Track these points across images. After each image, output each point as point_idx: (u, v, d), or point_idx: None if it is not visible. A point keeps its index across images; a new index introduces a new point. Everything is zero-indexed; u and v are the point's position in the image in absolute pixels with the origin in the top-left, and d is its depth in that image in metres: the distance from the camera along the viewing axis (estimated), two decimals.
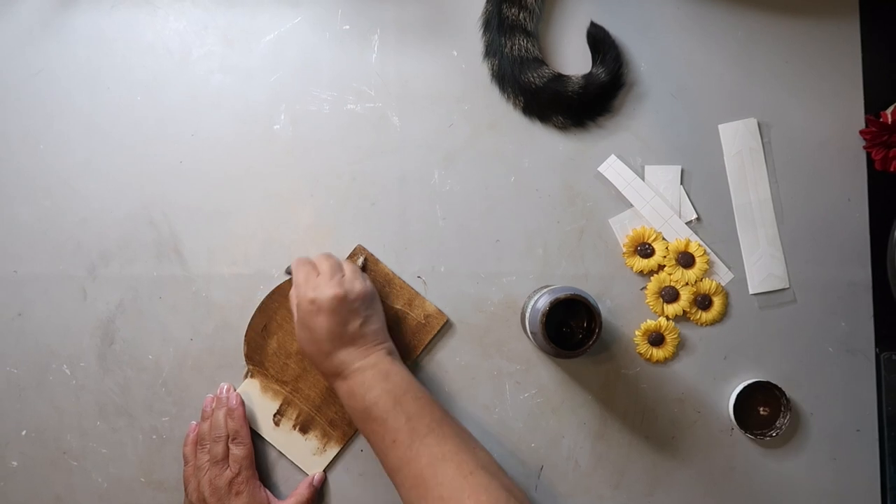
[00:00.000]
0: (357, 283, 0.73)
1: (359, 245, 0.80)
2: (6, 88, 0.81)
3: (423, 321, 0.80)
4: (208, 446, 0.77)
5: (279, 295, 0.80)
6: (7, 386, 0.80)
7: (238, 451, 0.76)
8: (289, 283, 0.80)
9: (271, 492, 0.78)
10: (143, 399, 0.80)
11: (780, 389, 0.78)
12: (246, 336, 0.80)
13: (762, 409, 0.79)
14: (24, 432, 0.80)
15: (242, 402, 0.78)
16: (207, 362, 0.80)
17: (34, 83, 0.81)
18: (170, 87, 0.81)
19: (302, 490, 0.78)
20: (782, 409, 0.78)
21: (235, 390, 0.79)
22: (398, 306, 0.80)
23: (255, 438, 0.79)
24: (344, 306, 0.71)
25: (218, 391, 0.79)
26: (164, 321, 0.80)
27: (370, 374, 0.71)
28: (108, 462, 0.80)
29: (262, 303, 0.80)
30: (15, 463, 0.80)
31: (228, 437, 0.77)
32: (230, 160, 0.81)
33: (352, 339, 0.72)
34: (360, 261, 0.79)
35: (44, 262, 0.81)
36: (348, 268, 0.75)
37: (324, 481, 0.80)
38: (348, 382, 0.71)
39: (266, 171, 0.81)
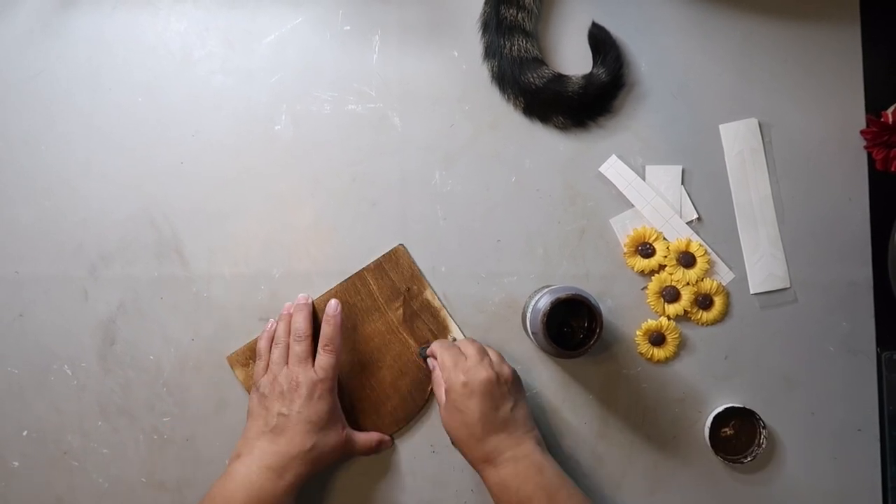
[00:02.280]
0: (505, 367, 0.73)
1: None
2: (7, 89, 0.81)
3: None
4: (282, 343, 0.76)
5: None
6: (8, 386, 0.80)
7: (327, 358, 0.75)
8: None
9: None
10: (144, 399, 0.80)
11: (756, 415, 0.78)
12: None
13: (732, 431, 0.79)
14: (25, 433, 0.80)
15: (341, 311, 0.78)
16: (208, 362, 0.80)
17: (35, 84, 0.81)
18: (171, 89, 0.81)
19: (374, 436, 0.78)
20: (758, 435, 0.78)
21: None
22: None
23: None
24: (496, 389, 0.71)
25: (297, 300, 0.79)
26: (164, 322, 0.80)
27: (523, 465, 0.69)
28: (110, 462, 0.80)
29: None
30: (16, 463, 0.80)
31: (311, 339, 0.76)
32: (231, 161, 0.81)
33: (503, 425, 0.71)
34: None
35: (45, 262, 0.81)
36: (493, 352, 0.75)
37: (391, 446, 0.79)
38: (500, 472, 0.70)
39: (267, 171, 0.81)
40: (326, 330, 0.76)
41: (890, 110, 0.79)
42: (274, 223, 0.81)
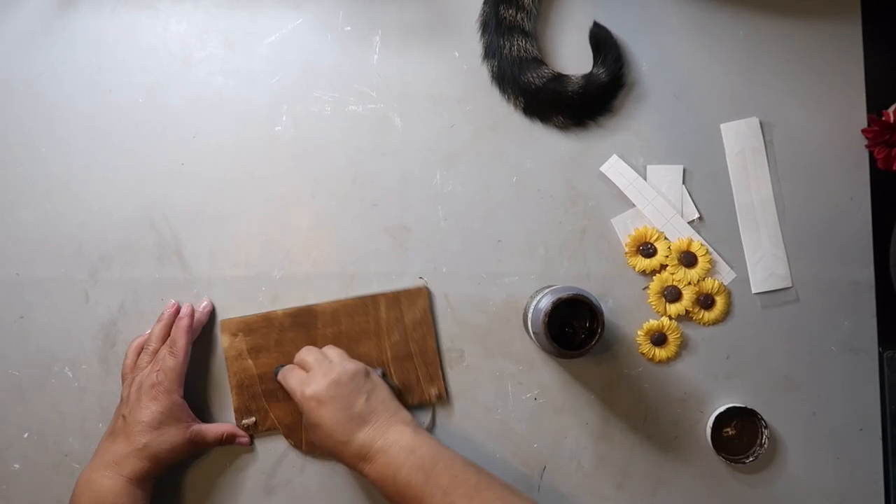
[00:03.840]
0: (348, 364, 0.73)
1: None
2: (7, 92, 0.81)
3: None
4: (148, 347, 0.77)
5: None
6: (9, 388, 0.80)
7: (169, 360, 0.75)
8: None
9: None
10: None
11: (758, 415, 0.78)
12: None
13: (733, 430, 0.79)
14: (25, 435, 0.80)
15: (192, 315, 0.78)
16: (209, 364, 0.80)
17: (35, 87, 0.81)
18: (171, 90, 0.81)
19: (225, 427, 0.78)
20: (760, 434, 0.78)
21: (212, 305, 0.80)
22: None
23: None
24: (343, 389, 0.70)
25: (167, 305, 0.79)
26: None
27: (393, 451, 0.68)
28: None
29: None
30: (17, 465, 0.80)
31: (161, 344, 0.77)
32: (231, 162, 0.81)
33: (364, 419, 0.70)
34: (250, 422, 0.79)
35: (45, 265, 0.81)
36: (333, 353, 0.75)
37: (248, 442, 0.79)
38: (375, 466, 0.68)
39: (267, 172, 0.81)
40: (173, 332, 0.77)
41: (891, 109, 0.79)
42: (274, 224, 0.81)
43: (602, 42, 0.80)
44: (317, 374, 0.72)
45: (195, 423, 0.77)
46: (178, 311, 0.79)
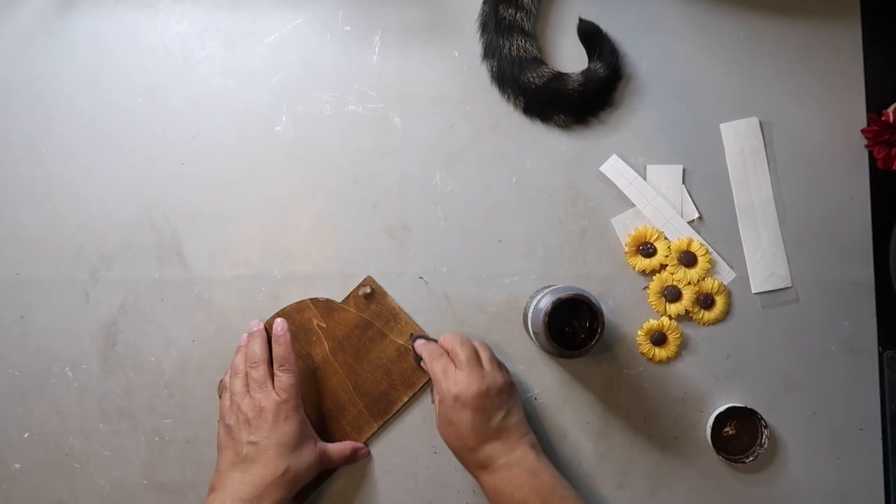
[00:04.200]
0: (498, 376, 0.73)
1: (368, 276, 0.80)
2: (7, 92, 0.81)
3: None
4: (241, 373, 0.75)
5: (283, 318, 0.79)
6: (9, 388, 0.80)
7: (286, 377, 0.74)
8: (293, 307, 0.80)
9: None
10: (145, 401, 0.80)
11: (758, 415, 0.78)
12: None
13: (733, 430, 0.79)
14: (26, 435, 0.80)
15: (289, 329, 0.77)
16: (209, 364, 0.80)
17: (35, 86, 0.81)
18: (171, 90, 0.81)
19: (347, 445, 0.77)
20: (760, 434, 0.78)
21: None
22: (402, 342, 0.80)
23: None
24: (487, 401, 0.71)
25: (249, 328, 0.78)
26: (165, 323, 0.80)
27: (517, 471, 0.70)
28: (111, 464, 0.80)
29: (265, 325, 0.80)
30: (17, 466, 0.80)
31: (268, 363, 0.75)
32: (231, 162, 0.81)
33: (496, 434, 0.71)
34: (366, 291, 0.79)
35: (45, 265, 0.81)
36: (485, 356, 0.74)
37: (368, 456, 0.79)
38: (494, 478, 0.70)
39: (267, 172, 0.81)
40: (278, 350, 0.76)
41: (891, 109, 0.79)
42: (274, 224, 0.81)
43: (593, 36, 0.80)
44: (468, 376, 0.71)
45: (319, 441, 0.76)
46: (262, 329, 0.78)
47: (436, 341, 0.78)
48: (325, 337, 0.80)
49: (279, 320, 0.78)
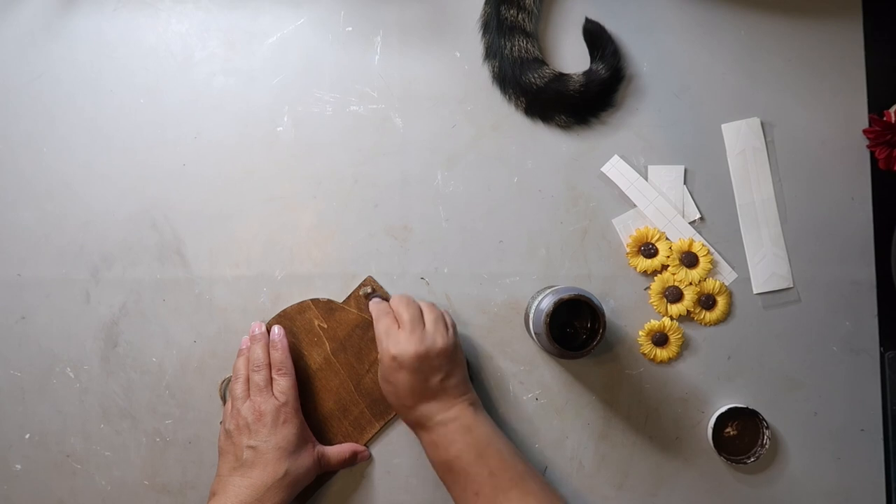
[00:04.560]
0: (439, 338, 0.72)
1: (368, 276, 0.80)
2: (8, 92, 0.81)
3: None
4: (242, 377, 0.76)
5: (284, 318, 0.80)
6: (10, 389, 0.80)
7: (283, 381, 0.75)
8: (294, 308, 0.80)
9: None
10: (146, 402, 0.80)
11: (759, 416, 0.78)
12: None
13: (734, 431, 0.79)
14: (27, 436, 0.80)
15: (285, 335, 0.78)
16: (210, 364, 0.80)
17: (36, 86, 0.81)
18: (172, 90, 0.81)
19: (346, 448, 0.78)
20: (761, 435, 0.78)
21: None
22: None
23: None
24: (425, 363, 0.71)
25: (251, 331, 0.78)
26: (166, 324, 0.80)
27: (452, 427, 0.71)
28: (112, 465, 0.80)
29: (267, 326, 0.80)
30: (18, 466, 0.80)
31: (269, 367, 0.76)
32: (232, 162, 0.81)
33: (433, 394, 0.71)
34: (366, 291, 0.79)
35: (47, 265, 0.81)
36: (430, 317, 0.74)
37: (368, 459, 0.79)
38: (430, 435, 0.71)
39: (268, 173, 0.81)
40: (275, 355, 0.77)
41: (892, 109, 0.79)
42: (276, 225, 0.81)
43: (597, 37, 0.80)
44: (408, 338, 0.71)
45: (318, 444, 0.77)
46: (265, 332, 0.78)
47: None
48: (326, 337, 0.80)
49: (276, 328, 0.78)
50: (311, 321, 0.80)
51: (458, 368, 0.74)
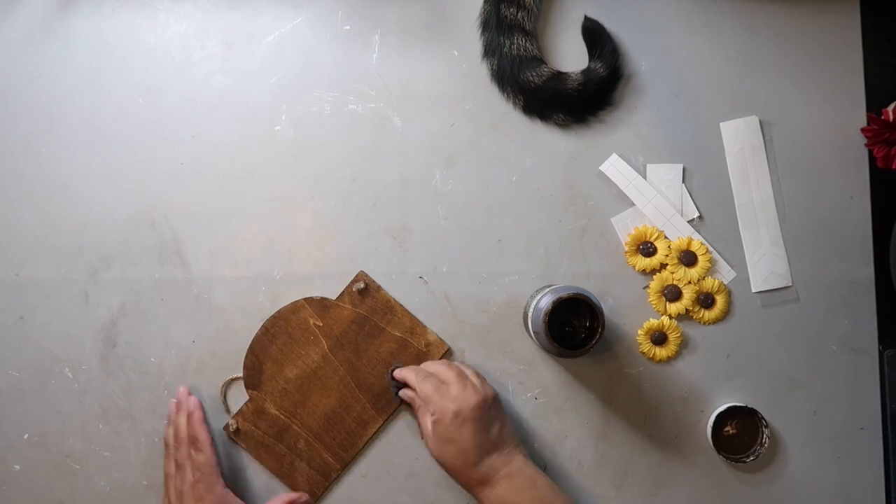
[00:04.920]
0: (488, 387, 0.74)
1: (361, 271, 0.80)
2: (7, 92, 0.81)
3: (425, 349, 0.80)
4: (170, 451, 0.76)
5: (279, 319, 0.80)
6: (9, 389, 0.80)
7: (198, 457, 0.75)
8: (288, 309, 0.80)
9: (248, 501, 0.77)
10: (145, 402, 0.80)
11: (759, 414, 0.78)
12: (245, 360, 0.80)
13: (734, 430, 0.79)
14: (26, 436, 0.80)
15: (200, 406, 0.77)
16: (209, 365, 0.80)
17: (35, 87, 0.81)
18: (170, 90, 0.81)
19: (282, 500, 0.76)
20: (760, 434, 0.78)
21: (191, 395, 0.78)
22: (398, 334, 0.80)
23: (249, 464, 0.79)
24: (485, 412, 0.72)
25: (177, 395, 0.78)
26: (166, 324, 0.80)
27: (517, 480, 0.71)
28: (111, 465, 0.80)
29: (262, 328, 0.80)
30: (17, 467, 0.80)
31: (188, 442, 0.76)
32: (231, 162, 0.81)
33: (495, 445, 0.72)
34: (360, 287, 0.79)
35: (45, 265, 0.81)
36: (470, 371, 0.75)
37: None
38: (496, 491, 0.71)
39: (267, 172, 0.81)
40: (189, 430, 0.76)
41: (890, 108, 0.79)
42: (274, 224, 0.81)
43: (596, 35, 0.80)
44: (463, 391, 0.72)
45: None
46: (189, 400, 0.78)
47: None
48: (322, 335, 0.80)
49: (191, 398, 0.77)
50: (306, 320, 0.80)
51: (508, 417, 0.74)
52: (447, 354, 0.80)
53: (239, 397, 0.80)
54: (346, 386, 0.80)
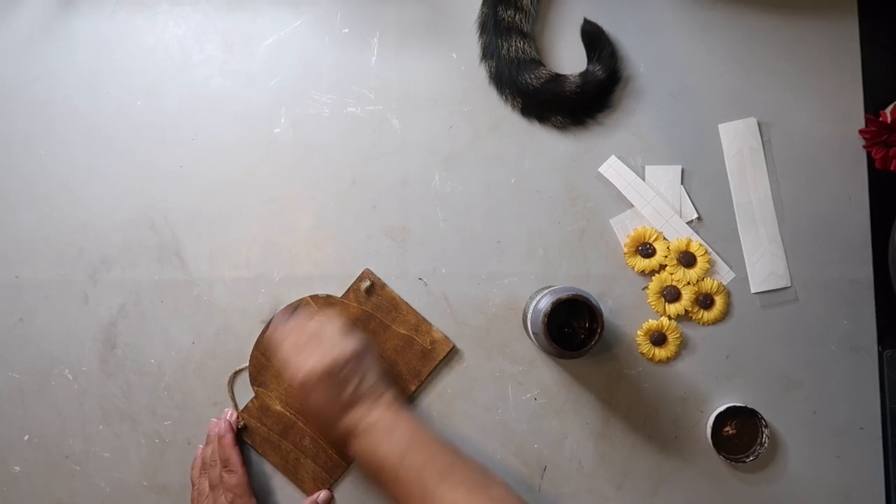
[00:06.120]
0: (344, 345, 0.71)
1: (366, 270, 0.80)
2: (7, 93, 0.81)
3: (430, 347, 0.80)
4: (209, 471, 0.77)
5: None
6: (9, 391, 0.80)
7: (230, 478, 0.75)
8: (293, 306, 0.80)
9: None
10: (145, 403, 0.80)
11: (758, 414, 0.78)
12: (251, 357, 0.80)
13: (733, 430, 0.79)
14: (26, 437, 0.80)
15: (232, 429, 0.78)
16: (209, 366, 0.80)
17: (35, 88, 0.81)
18: (170, 92, 0.82)
19: None
20: (760, 434, 0.78)
21: (237, 413, 0.79)
22: (404, 331, 0.80)
23: (258, 461, 0.80)
24: (335, 376, 0.70)
25: (222, 415, 0.79)
26: (165, 325, 0.80)
27: (374, 431, 0.69)
28: (111, 466, 0.80)
29: (268, 325, 0.80)
30: (17, 468, 0.80)
31: (228, 462, 0.76)
32: (231, 164, 0.81)
33: (354, 401, 0.70)
34: (366, 285, 0.79)
35: (45, 267, 0.81)
36: (329, 326, 0.73)
37: (331, 499, 0.79)
38: (359, 443, 0.69)
39: (266, 174, 0.81)
40: (220, 452, 0.76)
41: (888, 109, 0.79)
42: (274, 226, 0.81)
43: (595, 38, 0.80)
44: (312, 355, 0.70)
45: None
46: (223, 426, 0.78)
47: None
48: None
49: (223, 421, 0.78)
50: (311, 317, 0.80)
51: (371, 369, 0.72)
52: (452, 353, 0.80)
53: (243, 389, 0.80)
54: None
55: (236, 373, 0.80)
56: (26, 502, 0.80)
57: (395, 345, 0.80)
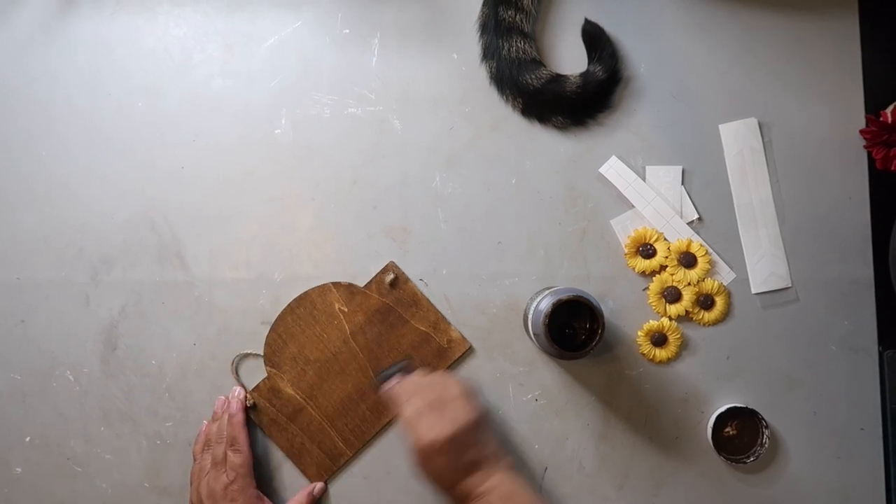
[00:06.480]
0: (466, 412, 0.71)
1: (390, 262, 0.80)
2: (7, 94, 0.81)
3: (446, 346, 0.80)
4: (213, 448, 0.77)
5: (305, 300, 0.80)
6: (11, 392, 0.80)
7: (235, 458, 0.75)
8: (315, 291, 0.80)
9: (271, 497, 0.78)
10: (146, 404, 0.80)
11: (759, 415, 0.78)
12: (267, 337, 0.80)
13: (734, 430, 0.79)
14: (28, 439, 0.80)
15: (244, 408, 0.78)
16: (210, 367, 0.80)
17: (35, 89, 0.81)
18: (170, 93, 0.81)
19: (301, 498, 0.78)
20: (761, 434, 0.78)
21: (245, 392, 0.79)
22: (422, 328, 0.80)
23: (261, 442, 0.79)
24: (459, 443, 0.70)
25: (230, 393, 0.79)
26: (166, 326, 0.80)
27: (494, 497, 0.69)
28: (113, 468, 0.80)
29: (288, 307, 0.80)
30: (19, 469, 0.80)
31: (233, 439, 0.76)
32: (231, 164, 0.81)
33: (473, 466, 0.70)
34: (390, 278, 0.79)
35: (46, 268, 0.81)
36: (452, 389, 0.73)
37: (324, 492, 0.79)
38: None
39: (267, 175, 0.81)
40: (229, 430, 0.77)
41: (889, 109, 0.79)
42: (275, 227, 0.81)
43: (595, 39, 0.80)
44: (440, 421, 0.70)
45: None
46: (228, 405, 0.79)
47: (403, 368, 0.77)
48: (346, 321, 0.80)
49: (235, 399, 0.78)
50: (332, 304, 0.80)
51: (489, 433, 0.73)
52: (468, 353, 0.80)
53: (246, 374, 0.80)
54: (365, 373, 0.80)
55: (242, 357, 0.80)
56: (28, 503, 0.80)
57: (411, 340, 0.80)
